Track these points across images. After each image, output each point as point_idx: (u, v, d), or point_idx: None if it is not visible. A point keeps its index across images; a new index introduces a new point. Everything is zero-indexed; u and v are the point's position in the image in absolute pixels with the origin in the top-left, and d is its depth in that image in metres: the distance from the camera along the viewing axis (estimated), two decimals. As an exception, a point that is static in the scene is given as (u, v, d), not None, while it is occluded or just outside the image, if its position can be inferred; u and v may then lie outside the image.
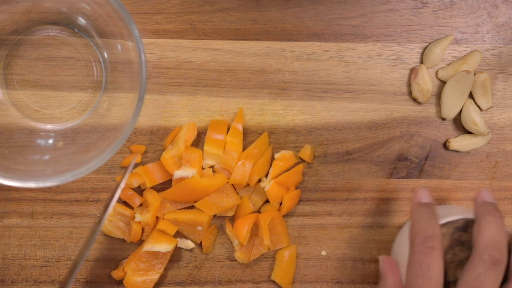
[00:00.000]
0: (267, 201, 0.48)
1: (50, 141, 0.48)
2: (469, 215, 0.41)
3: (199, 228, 0.47)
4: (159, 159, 0.48)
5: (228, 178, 0.47)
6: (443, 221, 0.41)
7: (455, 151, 0.49)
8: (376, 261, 0.49)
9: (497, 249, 0.37)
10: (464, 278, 0.37)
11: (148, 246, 0.46)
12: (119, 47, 0.45)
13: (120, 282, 0.48)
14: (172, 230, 0.47)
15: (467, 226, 0.40)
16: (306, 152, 0.48)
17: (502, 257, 0.37)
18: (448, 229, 0.40)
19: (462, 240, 0.39)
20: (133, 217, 0.47)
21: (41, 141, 0.48)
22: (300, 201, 0.49)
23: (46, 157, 0.48)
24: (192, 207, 0.48)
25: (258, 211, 0.48)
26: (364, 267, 0.49)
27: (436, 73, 0.49)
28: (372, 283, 0.49)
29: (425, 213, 0.41)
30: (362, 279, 0.49)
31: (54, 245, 0.49)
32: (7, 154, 0.46)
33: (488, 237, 0.38)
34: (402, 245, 0.45)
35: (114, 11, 0.40)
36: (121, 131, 0.41)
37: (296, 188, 0.48)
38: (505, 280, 0.37)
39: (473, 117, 0.47)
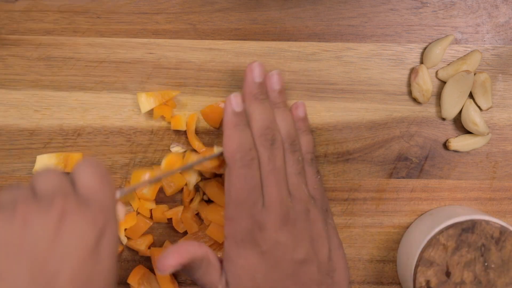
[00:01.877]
0: None
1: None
2: (476, 215, 0.41)
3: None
4: (159, 159, 0.47)
5: None
6: (449, 222, 0.40)
7: (455, 151, 0.48)
8: (377, 261, 0.49)
9: (269, 132, 0.41)
10: (261, 166, 0.40)
11: None
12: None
13: (120, 282, 0.48)
14: None
15: (474, 227, 0.39)
16: None
17: (274, 135, 0.41)
18: (455, 230, 0.40)
19: (469, 242, 0.39)
20: None
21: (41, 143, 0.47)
22: (300, 201, 0.48)
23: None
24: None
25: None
26: (364, 267, 0.49)
27: (436, 73, 0.48)
28: (372, 283, 0.49)
29: (239, 125, 0.41)
30: (362, 279, 0.49)
31: None
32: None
33: (259, 123, 0.41)
34: (408, 245, 0.45)
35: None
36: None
37: None
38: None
39: (473, 117, 0.46)
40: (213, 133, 0.48)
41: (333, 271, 0.41)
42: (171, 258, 0.37)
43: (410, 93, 0.48)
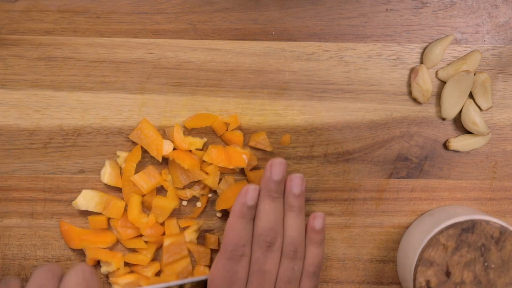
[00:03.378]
0: None
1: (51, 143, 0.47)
2: (476, 215, 0.41)
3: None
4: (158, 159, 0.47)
5: None
6: (450, 222, 0.40)
7: (455, 151, 0.48)
8: (377, 261, 0.48)
9: (271, 234, 0.41)
10: (251, 263, 0.40)
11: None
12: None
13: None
14: None
15: (474, 227, 0.39)
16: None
17: (275, 239, 0.41)
18: (455, 230, 0.39)
19: (469, 242, 0.39)
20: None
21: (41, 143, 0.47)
22: (300, 201, 0.48)
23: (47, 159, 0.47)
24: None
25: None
26: (364, 267, 0.48)
27: (436, 73, 0.48)
28: (372, 283, 0.48)
29: (244, 219, 0.41)
30: (362, 279, 0.48)
31: (54, 245, 0.48)
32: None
33: (263, 223, 0.41)
34: (408, 245, 0.45)
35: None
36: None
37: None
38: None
39: (473, 117, 0.46)
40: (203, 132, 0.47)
41: None
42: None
43: (410, 93, 0.48)
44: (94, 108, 0.47)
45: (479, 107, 0.47)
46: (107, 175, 0.46)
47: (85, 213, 0.47)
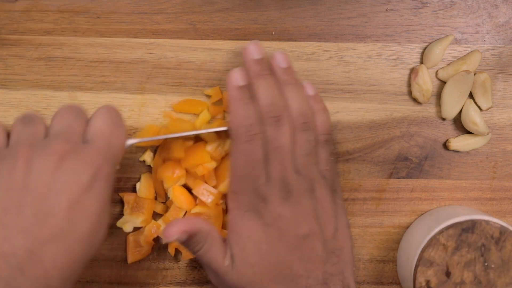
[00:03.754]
0: None
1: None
2: (476, 215, 0.41)
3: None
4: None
5: None
6: (449, 222, 0.40)
7: (455, 151, 0.48)
8: (377, 261, 0.48)
9: (274, 108, 0.40)
10: (266, 143, 0.40)
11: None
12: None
13: (120, 282, 0.47)
14: None
15: (474, 227, 0.39)
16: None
17: (280, 112, 0.40)
18: (455, 230, 0.39)
19: (469, 242, 0.39)
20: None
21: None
22: (300, 201, 0.48)
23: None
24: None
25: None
26: (364, 267, 0.48)
27: (436, 73, 0.48)
28: (372, 283, 0.48)
29: (243, 99, 0.41)
30: (362, 279, 0.48)
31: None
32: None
33: (264, 101, 0.40)
34: (408, 245, 0.45)
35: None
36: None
37: None
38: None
39: (473, 117, 0.46)
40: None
41: (339, 249, 0.41)
42: (178, 225, 0.39)
43: (410, 93, 0.48)
44: (94, 108, 0.47)
45: (479, 107, 0.47)
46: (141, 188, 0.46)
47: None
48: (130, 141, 0.40)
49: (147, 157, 0.47)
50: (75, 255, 0.34)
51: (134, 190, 0.47)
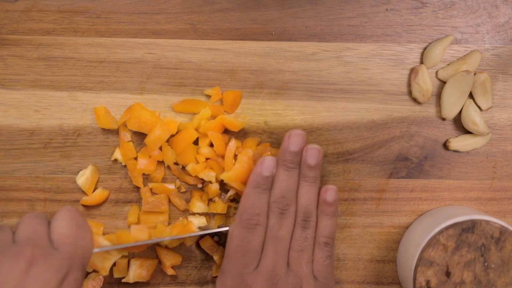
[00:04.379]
0: None
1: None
2: (476, 215, 0.41)
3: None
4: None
5: None
6: (450, 222, 0.40)
7: (455, 151, 0.48)
8: (377, 261, 0.48)
9: (284, 201, 0.42)
10: (267, 231, 0.41)
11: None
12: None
13: (120, 282, 0.47)
14: None
15: (474, 227, 0.39)
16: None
17: (287, 206, 0.42)
18: (455, 230, 0.39)
19: (469, 242, 0.39)
20: None
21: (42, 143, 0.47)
22: (300, 201, 0.48)
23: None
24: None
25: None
26: (364, 267, 0.48)
27: (436, 73, 0.48)
28: (372, 283, 0.48)
29: (259, 188, 0.42)
30: (362, 279, 0.48)
31: (54, 245, 0.48)
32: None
33: (277, 191, 0.42)
34: (408, 245, 0.44)
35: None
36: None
37: None
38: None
39: (473, 117, 0.46)
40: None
41: None
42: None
43: (410, 93, 0.48)
44: (94, 108, 0.47)
45: (479, 107, 0.47)
46: (84, 179, 0.46)
47: (85, 213, 0.47)
48: (96, 250, 0.41)
49: (118, 154, 0.47)
50: None
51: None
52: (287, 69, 0.47)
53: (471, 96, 0.47)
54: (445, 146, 0.48)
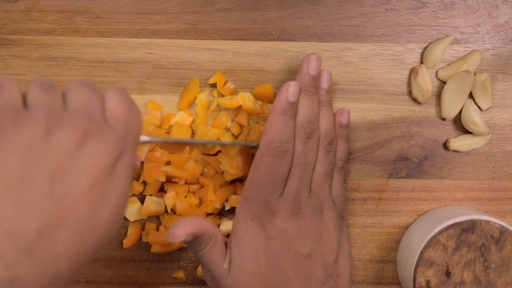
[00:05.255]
0: None
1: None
2: (476, 215, 0.41)
3: None
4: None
5: None
6: (449, 222, 0.40)
7: (455, 151, 0.48)
8: (377, 261, 0.48)
9: (309, 126, 0.41)
10: (293, 157, 0.41)
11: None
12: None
13: (120, 282, 0.47)
14: None
15: (474, 227, 0.39)
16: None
17: (313, 131, 0.42)
18: (455, 230, 0.39)
19: (469, 242, 0.39)
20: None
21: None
22: (300, 201, 0.48)
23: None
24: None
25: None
26: (364, 267, 0.48)
27: (436, 73, 0.48)
28: (372, 283, 0.48)
29: (286, 114, 0.41)
30: (362, 279, 0.48)
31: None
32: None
33: (303, 117, 0.41)
34: (408, 245, 0.44)
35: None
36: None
37: None
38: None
39: (473, 117, 0.46)
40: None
41: (337, 275, 0.41)
42: (184, 227, 0.38)
43: (410, 93, 0.48)
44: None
45: (479, 107, 0.47)
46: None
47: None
48: (144, 138, 0.38)
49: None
50: (89, 242, 0.31)
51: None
52: (287, 69, 0.47)
53: (471, 96, 0.47)
54: (445, 146, 0.48)
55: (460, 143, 0.47)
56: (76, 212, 0.30)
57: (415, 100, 0.47)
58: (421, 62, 0.48)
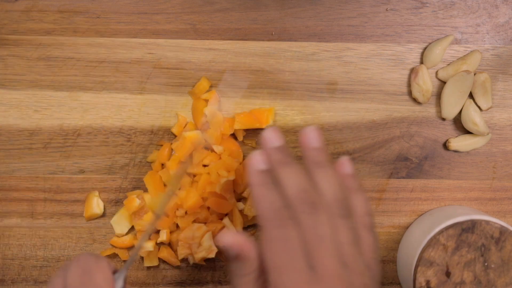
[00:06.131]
0: None
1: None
2: (476, 215, 0.41)
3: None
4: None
5: None
6: (450, 222, 0.40)
7: (455, 151, 0.48)
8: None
9: (306, 195, 0.35)
10: (305, 233, 0.34)
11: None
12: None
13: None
14: None
15: (474, 227, 0.39)
16: None
17: (313, 198, 0.35)
18: (455, 230, 0.39)
19: (469, 242, 0.39)
20: None
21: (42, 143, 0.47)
22: (300, 201, 0.48)
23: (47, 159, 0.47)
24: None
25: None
26: (364, 267, 0.48)
27: (436, 73, 0.48)
28: (372, 283, 0.48)
29: (266, 184, 0.35)
30: (362, 279, 0.48)
31: (54, 245, 0.48)
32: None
33: (293, 188, 0.35)
34: (408, 245, 0.44)
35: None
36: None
37: None
38: None
39: (473, 117, 0.46)
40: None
41: None
42: (230, 236, 0.35)
43: (410, 93, 0.48)
44: (94, 108, 0.47)
45: (479, 107, 0.47)
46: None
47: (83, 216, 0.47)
48: (118, 274, 0.37)
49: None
50: None
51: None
52: (287, 69, 0.47)
53: (471, 96, 0.47)
54: (445, 146, 0.48)
55: (460, 143, 0.47)
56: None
57: (415, 100, 0.47)
58: (421, 62, 0.48)
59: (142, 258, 0.47)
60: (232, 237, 0.35)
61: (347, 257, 0.34)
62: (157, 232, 0.46)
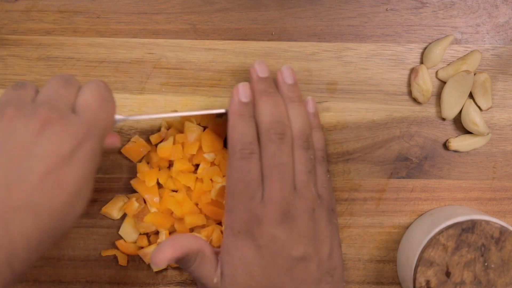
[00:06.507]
0: None
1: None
2: (476, 215, 0.41)
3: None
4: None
5: None
6: (449, 222, 0.40)
7: (455, 151, 0.48)
8: (377, 261, 0.48)
9: (279, 125, 0.40)
10: (263, 159, 0.39)
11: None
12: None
13: (120, 282, 0.47)
14: None
15: (474, 227, 0.39)
16: None
17: (284, 130, 0.40)
18: (455, 230, 0.39)
19: (469, 242, 0.39)
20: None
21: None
22: (300, 201, 0.48)
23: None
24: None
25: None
26: (364, 267, 0.48)
27: (436, 73, 0.48)
28: (372, 283, 0.48)
29: (244, 115, 0.40)
30: (362, 279, 0.48)
31: (54, 245, 0.48)
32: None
33: (268, 118, 0.40)
34: (408, 245, 0.45)
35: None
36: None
37: None
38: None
39: (473, 117, 0.46)
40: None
41: (334, 269, 0.40)
42: (166, 252, 0.38)
43: (410, 93, 0.48)
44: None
45: (479, 107, 0.47)
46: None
47: (84, 215, 0.47)
48: (118, 117, 0.39)
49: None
50: (45, 226, 0.32)
51: (127, 191, 0.47)
52: (287, 69, 0.47)
53: (471, 96, 0.47)
54: (445, 146, 0.48)
55: (460, 143, 0.47)
56: (31, 197, 0.32)
57: (415, 100, 0.47)
58: (421, 62, 0.48)
59: (141, 258, 0.47)
60: (168, 253, 0.38)
61: (299, 183, 0.40)
62: (157, 233, 0.46)
